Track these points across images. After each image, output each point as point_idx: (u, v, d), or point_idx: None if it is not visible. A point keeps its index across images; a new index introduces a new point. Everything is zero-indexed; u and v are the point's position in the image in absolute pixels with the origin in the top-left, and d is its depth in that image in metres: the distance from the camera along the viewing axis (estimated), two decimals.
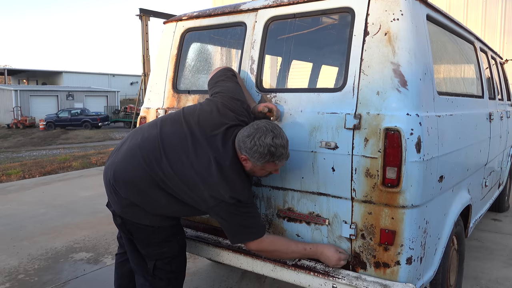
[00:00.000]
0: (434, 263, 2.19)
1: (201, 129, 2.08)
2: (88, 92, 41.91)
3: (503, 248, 3.99)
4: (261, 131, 1.95)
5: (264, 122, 2.01)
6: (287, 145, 2.00)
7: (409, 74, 1.88)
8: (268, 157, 1.96)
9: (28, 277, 3.47)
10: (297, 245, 2.14)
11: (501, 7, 8.90)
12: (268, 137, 1.94)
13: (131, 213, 2.14)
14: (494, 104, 3.56)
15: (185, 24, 2.73)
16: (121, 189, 2.10)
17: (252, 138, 1.95)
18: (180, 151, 2.06)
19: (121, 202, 2.13)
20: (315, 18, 2.41)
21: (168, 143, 2.09)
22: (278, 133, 1.97)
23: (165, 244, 2.21)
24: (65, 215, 5.25)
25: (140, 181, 2.07)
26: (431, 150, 1.95)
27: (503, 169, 4.39)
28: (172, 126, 2.14)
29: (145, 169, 2.05)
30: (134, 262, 2.32)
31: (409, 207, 1.88)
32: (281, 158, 2.00)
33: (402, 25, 1.91)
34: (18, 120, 31.77)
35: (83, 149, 15.96)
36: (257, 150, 1.95)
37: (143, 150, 2.09)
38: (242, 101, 2.18)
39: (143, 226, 2.15)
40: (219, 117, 2.10)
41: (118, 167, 2.13)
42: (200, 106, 2.20)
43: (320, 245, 2.12)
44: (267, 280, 3.29)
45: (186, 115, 2.16)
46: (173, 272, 2.27)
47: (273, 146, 1.94)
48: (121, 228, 2.26)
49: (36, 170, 8.96)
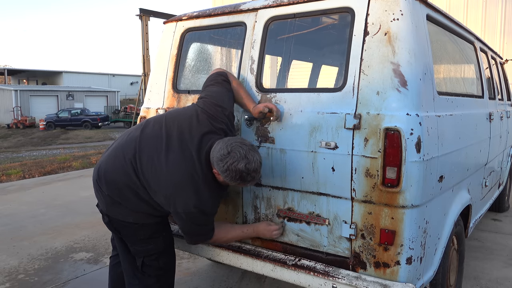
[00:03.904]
0: (434, 263, 2.19)
1: (178, 133, 2.13)
2: (88, 92, 41.90)
3: (503, 248, 3.99)
4: (234, 156, 1.96)
5: (238, 144, 1.99)
6: (259, 168, 2.03)
7: (409, 74, 1.88)
8: (239, 181, 2.01)
9: (28, 277, 3.47)
10: (236, 230, 2.37)
11: (501, 7, 8.90)
12: (241, 164, 1.96)
13: (115, 211, 2.21)
14: (494, 104, 3.56)
15: (185, 24, 2.73)
16: (104, 187, 2.19)
17: (225, 163, 1.97)
18: (153, 153, 2.11)
19: (106, 200, 2.21)
20: (315, 18, 2.41)
21: (145, 145, 2.15)
22: (251, 158, 1.98)
23: (151, 241, 2.26)
24: (65, 215, 5.25)
25: (119, 180, 2.14)
26: (431, 150, 1.95)
27: (503, 169, 4.39)
28: (152, 128, 2.20)
29: (124, 169, 2.13)
30: (125, 261, 2.36)
31: (409, 207, 1.88)
32: (252, 181, 2.05)
33: (402, 25, 1.91)
34: (18, 120, 31.75)
35: (83, 149, 15.96)
36: (229, 174, 1.99)
37: (124, 150, 2.17)
38: (223, 107, 2.20)
39: (128, 223, 2.21)
40: (197, 123, 2.14)
41: (102, 165, 2.22)
42: (182, 110, 2.26)
43: (254, 224, 2.36)
44: (267, 280, 3.29)
45: (167, 118, 2.22)
46: (161, 268, 2.32)
47: (245, 172, 1.97)
48: (109, 226, 2.32)
49: (36, 170, 8.96)
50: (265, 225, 2.29)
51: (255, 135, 2.31)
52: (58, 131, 28.24)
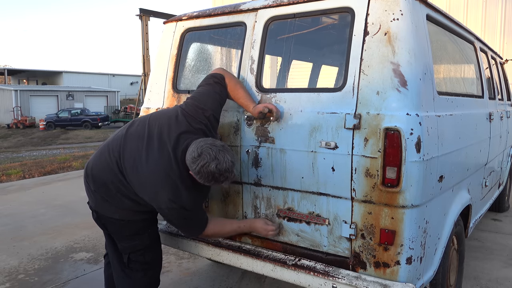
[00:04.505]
0: (434, 263, 2.19)
1: (158, 133, 2.18)
2: (88, 92, 41.88)
3: (503, 248, 3.99)
4: (205, 158, 1.98)
5: (208, 145, 2.01)
6: (231, 168, 2.05)
7: (409, 74, 1.88)
8: (213, 182, 2.06)
9: (28, 277, 3.47)
10: (232, 225, 2.38)
11: (501, 7, 8.90)
12: (212, 165, 1.98)
13: (103, 208, 2.27)
14: (494, 104, 3.56)
15: (185, 24, 2.73)
16: (91, 184, 2.27)
17: (196, 165, 2.00)
18: (135, 152, 2.17)
19: (94, 196, 2.27)
20: (315, 18, 2.41)
21: (128, 144, 2.21)
22: (222, 158, 2.00)
23: (136, 237, 2.31)
24: (65, 215, 5.25)
25: (105, 177, 2.21)
26: (431, 150, 1.95)
27: (503, 169, 4.39)
28: (136, 127, 2.26)
29: (110, 166, 2.20)
30: (114, 257, 2.41)
31: (409, 207, 1.88)
32: (226, 181, 2.07)
33: (402, 25, 1.91)
34: (18, 120, 31.73)
35: (83, 149, 15.96)
36: (202, 176, 2.03)
37: (110, 149, 2.24)
38: (204, 109, 2.22)
39: (114, 220, 2.27)
40: (175, 123, 2.18)
41: (90, 162, 2.32)
42: (166, 111, 2.32)
43: (251, 220, 2.36)
44: (267, 280, 3.29)
45: (151, 118, 2.27)
46: (147, 263, 2.37)
47: (217, 173, 2.00)
48: (97, 222, 2.37)
49: (36, 170, 8.96)
50: (262, 223, 2.31)
51: (255, 135, 2.31)
52: (58, 131, 28.24)
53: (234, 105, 2.39)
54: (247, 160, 2.35)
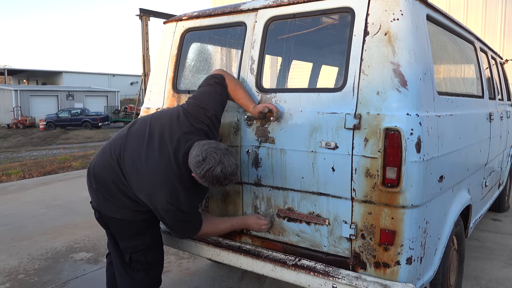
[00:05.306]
0: (434, 263, 2.19)
1: (159, 133, 2.17)
2: (88, 92, 41.88)
3: (503, 248, 3.99)
4: (210, 162, 1.98)
5: (213, 149, 2.01)
6: (236, 171, 2.06)
7: (409, 74, 1.88)
8: (218, 185, 2.06)
9: (28, 277, 3.47)
10: (225, 223, 2.39)
11: (501, 8, 8.90)
12: (217, 170, 1.99)
13: (104, 207, 2.27)
14: (494, 104, 3.56)
15: (185, 24, 2.73)
16: (93, 182, 2.28)
17: (201, 169, 2.00)
18: (135, 151, 2.17)
19: (96, 195, 2.28)
20: (315, 18, 2.41)
21: (129, 143, 2.21)
22: (227, 162, 2.01)
23: (138, 237, 2.31)
24: (65, 215, 5.25)
25: (106, 176, 2.22)
26: (431, 150, 1.95)
27: (503, 169, 4.39)
28: (138, 127, 2.26)
29: (111, 166, 2.20)
30: (116, 257, 2.40)
31: (409, 207, 1.88)
32: (231, 184, 2.08)
33: (402, 25, 1.91)
34: (18, 120, 31.74)
35: (83, 149, 15.96)
36: (206, 180, 2.03)
37: (111, 148, 2.24)
38: (206, 109, 2.22)
39: (116, 219, 2.27)
40: (177, 123, 2.18)
41: (93, 161, 2.33)
42: (167, 111, 2.31)
43: (244, 217, 2.39)
44: (267, 280, 3.29)
45: (153, 118, 2.27)
46: (148, 263, 2.37)
47: (222, 177, 2.01)
48: (100, 222, 2.37)
49: (36, 170, 8.96)
50: (254, 219, 2.32)
51: (255, 135, 2.31)
52: (58, 131, 28.24)
53: (234, 105, 2.39)
54: (247, 160, 2.35)
